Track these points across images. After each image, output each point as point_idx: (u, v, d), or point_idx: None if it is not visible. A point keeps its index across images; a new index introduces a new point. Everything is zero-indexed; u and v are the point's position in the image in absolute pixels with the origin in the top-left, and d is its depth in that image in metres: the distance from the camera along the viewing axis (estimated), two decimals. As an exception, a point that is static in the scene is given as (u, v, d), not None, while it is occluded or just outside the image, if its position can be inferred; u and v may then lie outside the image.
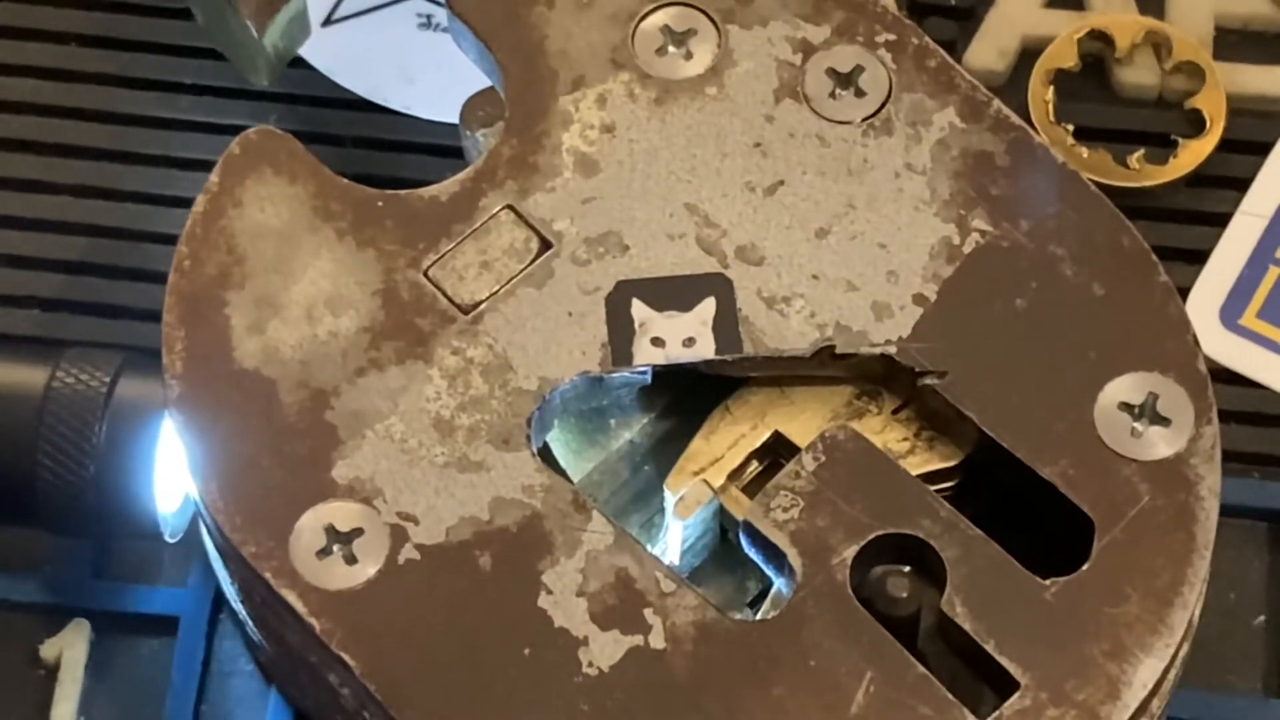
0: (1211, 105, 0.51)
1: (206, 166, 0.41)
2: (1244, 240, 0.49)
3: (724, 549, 0.40)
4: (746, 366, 0.39)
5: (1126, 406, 0.38)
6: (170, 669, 0.44)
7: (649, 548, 0.38)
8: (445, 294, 0.39)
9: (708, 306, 0.39)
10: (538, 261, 0.39)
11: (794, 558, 0.37)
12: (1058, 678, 0.36)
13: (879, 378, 0.39)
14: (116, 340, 0.47)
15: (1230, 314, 0.48)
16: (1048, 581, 0.37)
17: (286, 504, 0.37)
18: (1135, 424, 0.38)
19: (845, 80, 0.41)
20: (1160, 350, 0.38)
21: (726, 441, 0.39)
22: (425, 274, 0.39)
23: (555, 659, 0.36)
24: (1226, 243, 0.50)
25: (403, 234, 0.40)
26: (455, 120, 0.43)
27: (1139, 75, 0.52)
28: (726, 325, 0.39)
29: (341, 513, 0.37)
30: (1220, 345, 0.38)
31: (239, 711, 0.44)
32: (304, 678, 0.39)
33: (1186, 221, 0.50)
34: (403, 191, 0.40)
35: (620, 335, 0.39)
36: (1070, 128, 0.51)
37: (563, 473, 0.39)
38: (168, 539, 0.43)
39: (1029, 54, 0.52)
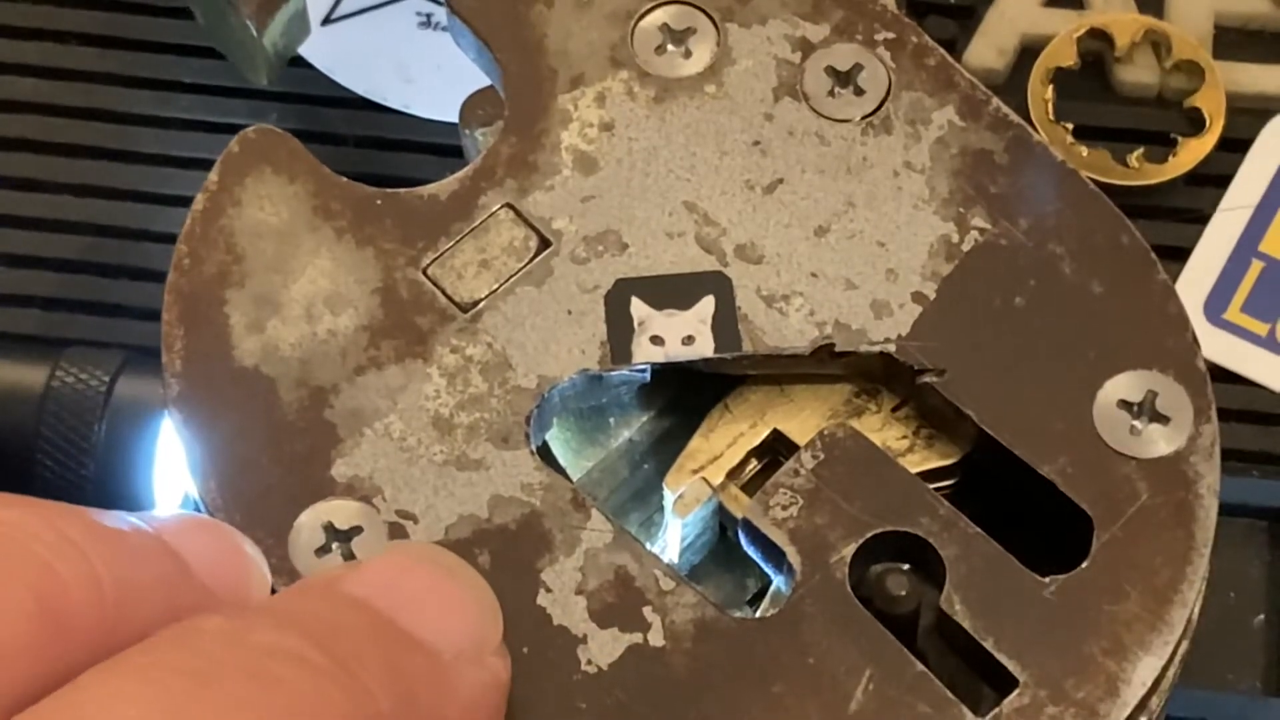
0: (1211, 104, 0.51)
1: (206, 165, 0.41)
2: (1227, 235, 0.50)
3: (723, 547, 0.40)
4: (746, 364, 0.39)
5: (1126, 404, 0.38)
6: (170, 668, 0.44)
7: (648, 546, 0.38)
8: (444, 292, 0.39)
9: (707, 305, 0.39)
10: (537, 260, 0.39)
11: (793, 556, 0.37)
12: (1057, 675, 0.36)
13: (878, 376, 0.39)
14: (116, 339, 0.47)
15: (1214, 308, 0.49)
16: (1047, 579, 0.37)
17: (285, 502, 0.37)
18: (1134, 422, 0.38)
19: (844, 79, 0.41)
20: (1159, 348, 0.38)
21: (725, 439, 0.39)
22: (424, 272, 0.39)
23: (554, 657, 0.36)
24: (1209, 237, 0.50)
25: (402, 232, 0.40)
26: (454, 119, 0.43)
27: (1138, 74, 0.52)
28: (726, 323, 0.39)
29: (341, 511, 0.37)
30: (1205, 340, 0.38)
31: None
32: (303, 676, 0.39)
33: (1186, 220, 0.50)
34: (402, 190, 0.40)
35: (619, 333, 0.39)
36: (1070, 126, 0.51)
37: (562, 471, 0.39)
38: (167, 538, 0.43)
39: (1028, 53, 0.52)
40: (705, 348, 0.39)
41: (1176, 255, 0.50)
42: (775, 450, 0.39)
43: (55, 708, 0.27)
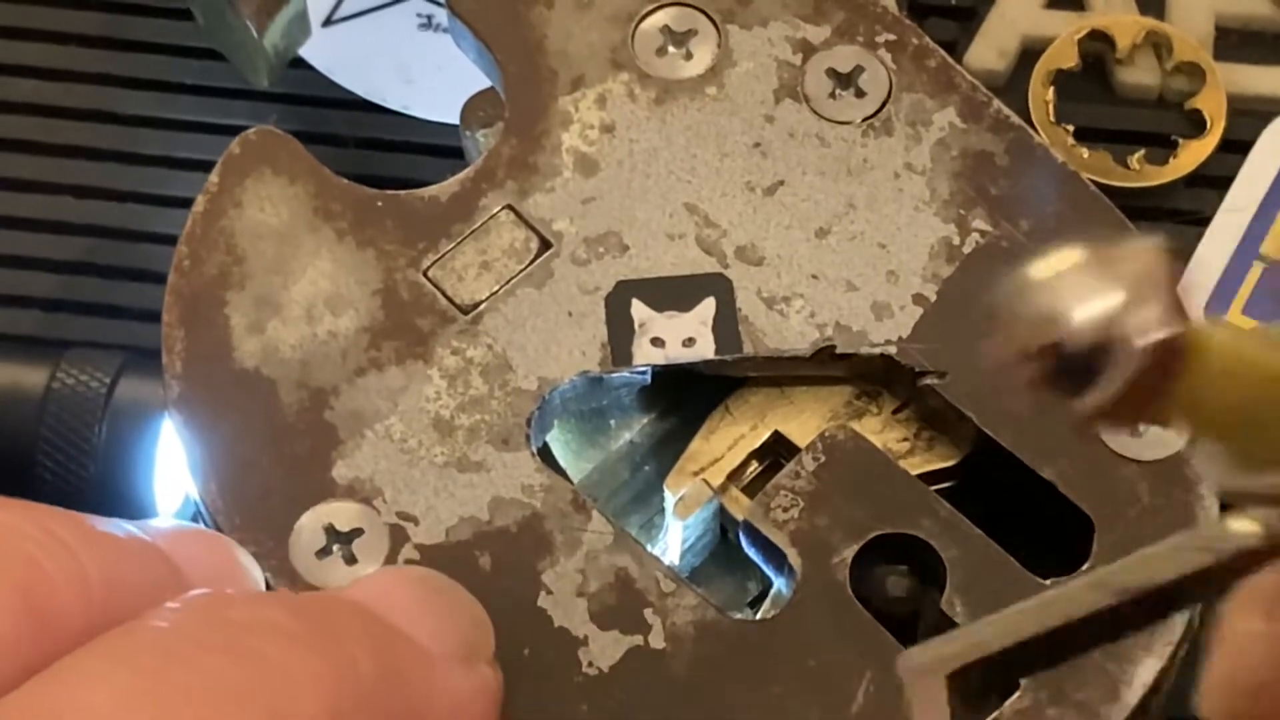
0: (1212, 105, 0.51)
1: (206, 167, 0.41)
2: (1227, 237, 0.49)
3: (724, 549, 0.40)
4: (746, 366, 0.39)
5: (1126, 406, 0.38)
6: (170, 669, 0.44)
7: (649, 548, 0.38)
8: (445, 294, 0.39)
9: (707, 306, 0.39)
10: (537, 261, 0.39)
11: (794, 557, 0.37)
12: (1057, 677, 0.36)
13: (879, 378, 0.39)
14: (117, 341, 0.47)
15: (1215, 310, 0.48)
16: (1048, 581, 0.37)
17: (286, 504, 0.37)
18: (1135, 424, 0.38)
19: (845, 80, 0.41)
20: (1160, 350, 0.38)
21: (726, 441, 0.39)
22: (425, 274, 0.39)
23: (555, 659, 0.36)
24: (1210, 240, 0.50)
25: (402, 234, 0.40)
26: (455, 121, 0.43)
27: (1139, 75, 0.52)
28: (726, 325, 0.39)
29: (341, 513, 0.37)
30: (1205, 342, 0.38)
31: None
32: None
33: (1186, 222, 0.50)
34: (402, 192, 0.40)
35: (620, 335, 0.39)
36: (1070, 128, 0.51)
37: (563, 473, 0.39)
38: (168, 539, 0.43)
39: (1029, 54, 0.52)
40: (706, 349, 0.39)
41: (1177, 257, 0.49)
42: (776, 452, 0.39)
43: (23, 696, 0.27)
